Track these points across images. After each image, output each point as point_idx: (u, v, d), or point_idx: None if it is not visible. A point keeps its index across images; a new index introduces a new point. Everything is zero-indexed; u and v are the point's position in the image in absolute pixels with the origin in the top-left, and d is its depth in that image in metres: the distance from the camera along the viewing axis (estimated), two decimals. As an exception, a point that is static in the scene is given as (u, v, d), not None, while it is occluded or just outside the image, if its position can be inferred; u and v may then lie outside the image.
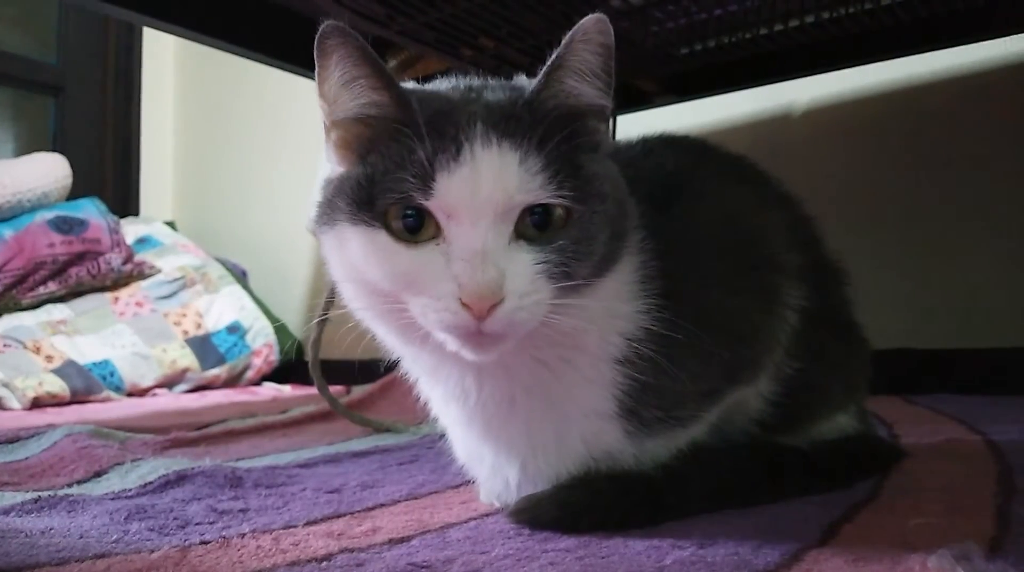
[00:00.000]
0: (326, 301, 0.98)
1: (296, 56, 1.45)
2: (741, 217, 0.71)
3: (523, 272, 0.53)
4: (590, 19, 0.56)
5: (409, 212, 0.55)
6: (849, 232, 1.52)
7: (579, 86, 0.57)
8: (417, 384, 0.71)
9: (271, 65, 1.49)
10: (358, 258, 0.57)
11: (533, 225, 0.55)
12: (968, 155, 1.54)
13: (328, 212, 0.59)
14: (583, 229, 0.55)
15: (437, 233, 0.54)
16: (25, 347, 1.95)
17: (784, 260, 0.71)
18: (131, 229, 2.49)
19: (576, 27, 0.56)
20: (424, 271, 0.54)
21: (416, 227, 0.55)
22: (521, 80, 0.64)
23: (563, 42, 0.56)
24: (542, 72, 0.57)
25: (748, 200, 0.73)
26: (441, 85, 0.64)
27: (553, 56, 0.57)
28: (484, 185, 0.53)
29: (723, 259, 0.66)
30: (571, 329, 0.57)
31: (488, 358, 0.56)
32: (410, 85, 0.63)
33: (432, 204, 0.54)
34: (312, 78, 0.62)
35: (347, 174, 0.59)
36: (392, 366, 0.72)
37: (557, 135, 0.55)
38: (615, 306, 0.61)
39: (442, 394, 0.67)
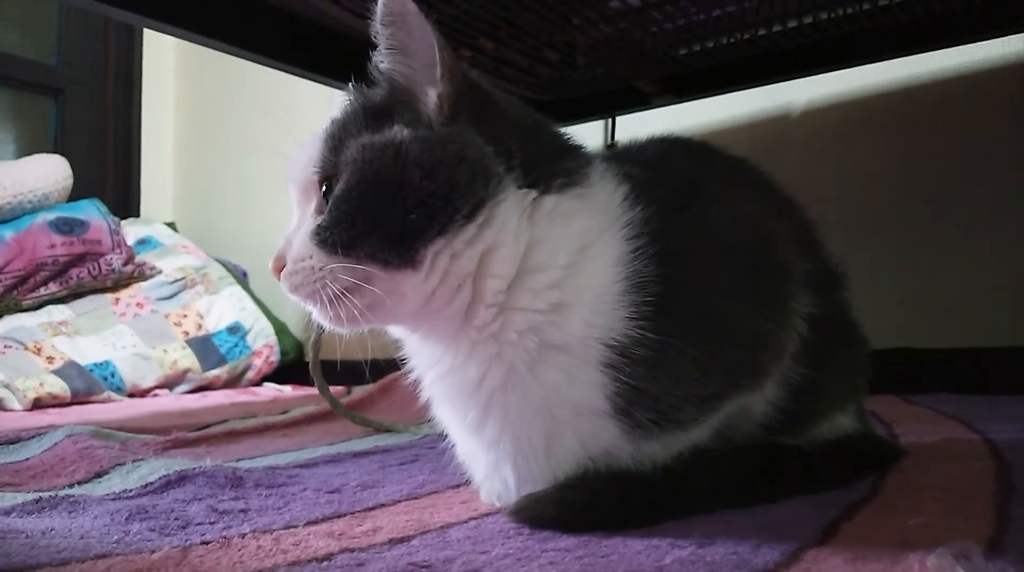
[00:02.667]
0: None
1: (296, 57, 1.45)
2: (752, 224, 0.70)
3: (300, 241, 0.63)
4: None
5: None
6: (848, 232, 1.53)
7: (383, 64, 0.64)
8: (417, 382, 0.71)
9: (271, 66, 1.49)
10: None
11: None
12: (966, 155, 1.54)
13: None
14: (335, 197, 0.61)
15: None
16: (26, 348, 1.96)
17: (794, 268, 0.70)
18: (132, 230, 2.50)
19: None
20: None
21: None
22: None
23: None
24: None
25: (758, 206, 0.73)
26: None
27: None
28: (291, 172, 0.66)
29: (733, 267, 0.66)
30: (417, 304, 0.61)
31: (343, 326, 0.63)
32: None
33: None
34: (311, 79, 0.65)
35: None
36: (393, 366, 0.72)
37: (346, 119, 0.64)
38: (589, 315, 0.61)
39: (430, 382, 0.68)
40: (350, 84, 0.68)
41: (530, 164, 0.63)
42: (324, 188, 0.63)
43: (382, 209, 0.59)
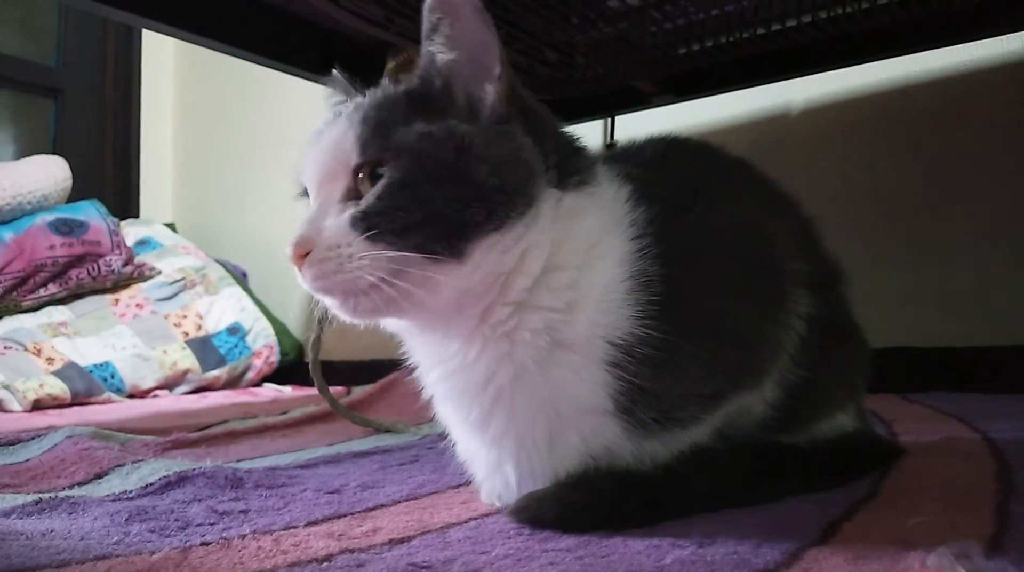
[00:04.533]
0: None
1: (295, 58, 1.45)
2: (751, 225, 0.71)
3: (336, 227, 0.59)
4: None
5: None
6: (847, 231, 1.52)
7: (439, 56, 0.62)
8: (419, 381, 0.71)
9: (270, 67, 1.49)
10: None
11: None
12: (966, 154, 1.54)
13: None
14: (387, 185, 0.59)
15: None
16: (26, 349, 1.96)
17: (793, 268, 0.71)
18: (131, 231, 2.50)
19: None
20: None
21: None
22: None
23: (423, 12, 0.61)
24: None
25: (757, 207, 0.74)
26: None
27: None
28: (314, 155, 0.62)
29: (732, 267, 0.66)
30: (450, 300, 0.60)
31: (361, 319, 0.62)
32: None
33: (302, 178, 0.64)
34: (310, 79, 0.65)
35: None
36: (393, 366, 0.72)
37: (389, 105, 0.62)
38: (595, 314, 0.61)
39: (431, 382, 0.68)
40: (335, 71, 0.68)
41: (559, 164, 0.64)
42: (360, 174, 0.60)
43: (441, 200, 0.58)
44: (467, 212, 0.58)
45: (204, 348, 2.24)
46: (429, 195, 0.58)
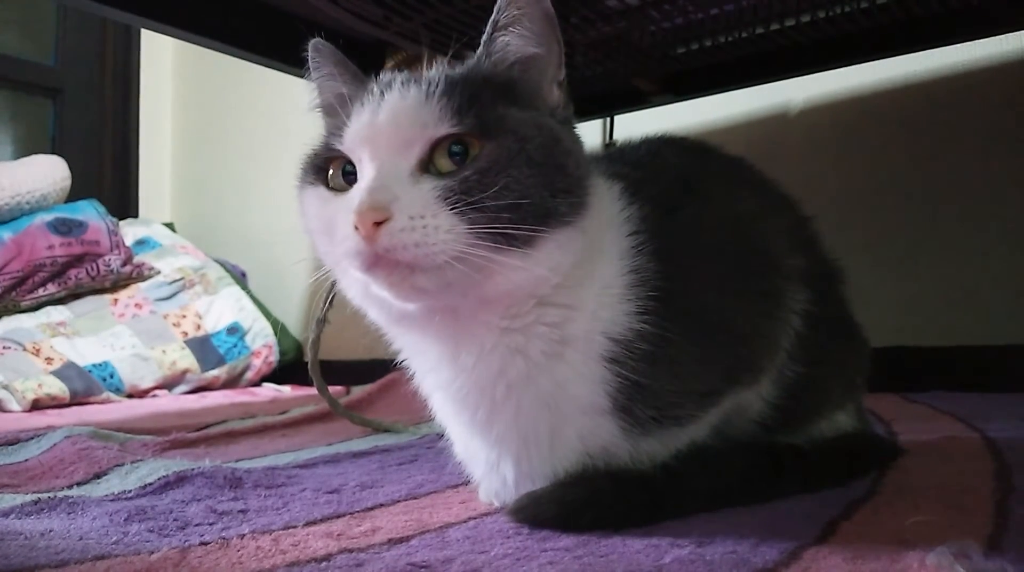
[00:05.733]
0: (325, 302, 0.98)
1: (293, 57, 1.45)
2: (746, 221, 0.71)
3: (417, 197, 0.55)
4: None
5: (348, 168, 0.60)
6: (846, 231, 1.53)
7: (511, 41, 0.62)
8: (416, 381, 0.71)
9: (268, 66, 1.49)
10: (307, 217, 0.62)
11: (454, 164, 0.57)
12: (965, 154, 1.54)
13: (297, 182, 0.65)
14: (490, 162, 0.56)
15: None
16: (25, 349, 1.96)
17: (788, 264, 0.71)
18: (130, 231, 2.50)
19: None
20: (340, 211, 0.57)
21: (353, 178, 0.59)
22: None
23: (497, 6, 0.61)
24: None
25: (752, 204, 0.74)
26: None
27: (491, 19, 0.62)
28: (380, 121, 0.58)
29: (727, 263, 0.66)
30: (504, 291, 0.59)
31: (408, 300, 0.58)
32: None
33: (344, 146, 0.59)
34: (309, 79, 0.65)
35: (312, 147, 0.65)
36: (392, 366, 0.72)
37: (473, 83, 0.60)
38: (596, 309, 0.62)
39: (434, 383, 0.68)
40: (317, 40, 0.68)
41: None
42: (438, 146, 0.57)
43: (536, 186, 0.57)
44: (554, 201, 0.58)
45: (203, 348, 2.24)
46: (527, 179, 0.56)
